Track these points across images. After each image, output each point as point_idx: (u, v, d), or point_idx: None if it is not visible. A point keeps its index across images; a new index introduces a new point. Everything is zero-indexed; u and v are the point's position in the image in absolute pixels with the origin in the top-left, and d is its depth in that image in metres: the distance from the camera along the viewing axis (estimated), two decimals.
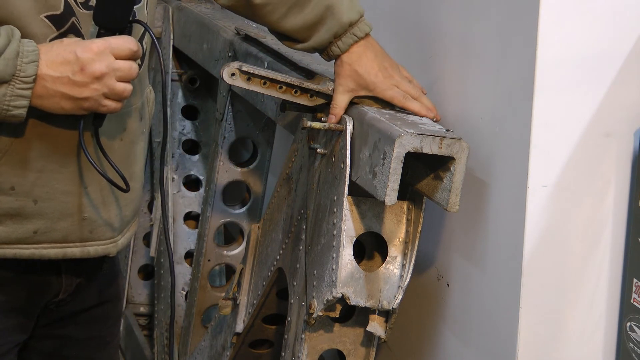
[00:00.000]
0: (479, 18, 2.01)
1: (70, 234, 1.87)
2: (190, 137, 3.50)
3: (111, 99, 1.73)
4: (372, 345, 2.16)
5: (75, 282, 1.96)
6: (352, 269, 2.03)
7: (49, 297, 1.94)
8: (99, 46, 1.71)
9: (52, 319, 1.98)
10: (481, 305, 2.04)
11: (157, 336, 3.38)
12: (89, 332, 2.04)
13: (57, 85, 1.70)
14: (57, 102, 1.71)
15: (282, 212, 2.41)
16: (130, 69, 1.73)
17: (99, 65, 1.70)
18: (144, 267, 3.73)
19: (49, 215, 1.84)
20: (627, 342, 1.89)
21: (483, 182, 2.00)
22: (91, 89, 1.71)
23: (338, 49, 2.04)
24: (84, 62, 1.69)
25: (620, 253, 1.91)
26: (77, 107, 1.72)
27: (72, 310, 1.99)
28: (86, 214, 1.87)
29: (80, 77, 1.70)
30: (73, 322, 2.01)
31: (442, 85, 2.15)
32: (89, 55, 1.70)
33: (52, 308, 1.96)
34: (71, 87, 1.70)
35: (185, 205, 3.44)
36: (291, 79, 2.15)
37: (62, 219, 1.85)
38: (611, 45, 1.84)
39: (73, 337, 2.02)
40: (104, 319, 2.07)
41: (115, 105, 1.74)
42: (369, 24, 2.05)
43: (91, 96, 1.71)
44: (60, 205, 1.84)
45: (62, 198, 1.84)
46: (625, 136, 1.87)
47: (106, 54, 1.71)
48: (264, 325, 2.57)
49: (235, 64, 2.16)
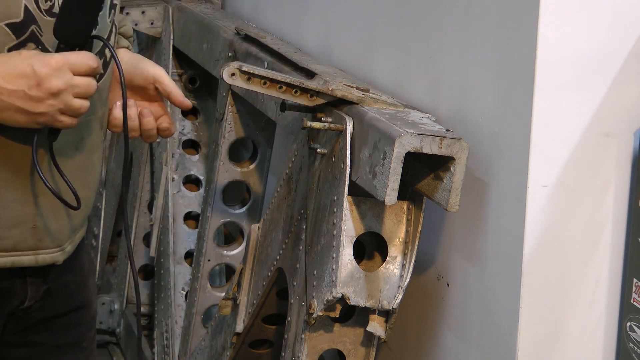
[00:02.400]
0: (479, 18, 2.01)
1: (20, 242, 1.85)
2: (190, 137, 3.50)
3: (67, 114, 1.70)
4: (372, 345, 2.16)
5: (42, 288, 1.94)
6: (352, 269, 2.03)
7: (14, 305, 1.92)
8: (57, 61, 1.67)
9: (24, 326, 1.96)
10: (481, 305, 2.04)
11: (157, 336, 3.38)
12: (63, 339, 2.03)
13: (12, 99, 1.67)
14: (11, 115, 1.68)
15: (282, 212, 2.41)
16: (88, 86, 1.70)
17: (56, 81, 1.67)
18: (143, 267, 3.73)
19: (0, 224, 1.82)
20: (627, 342, 1.89)
21: (483, 182, 2.00)
22: (47, 104, 1.68)
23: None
24: (40, 77, 1.66)
25: (620, 253, 1.92)
26: (31, 121, 1.70)
27: (44, 317, 1.97)
28: (37, 223, 1.85)
29: (36, 92, 1.66)
30: (48, 328, 1.99)
31: (442, 85, 2.15)
32: (46, 70, 1.66)
33: (20, 315, 1.95)
34: (26, 102, 1.67)
35: (185, 205, 3.44)
36: (291, 79, 2.15)
37: (13, 227, 1.83)
38: (611, 45, 1.84)
39: (49, 344, 2.01)
40: (77, 325, 2.05)
41: (71, 121, 1.72)
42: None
43: (46, 112, 1.68)
44: (12, 214, 1.82)
45: (13, 206, 1.82)
46: (625, 136, 1.87)
47: (64, 70, 1.68)
48: (264, 325, 2.57)
49: (235, 64, 2.16)
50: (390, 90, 2.34)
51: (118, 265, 3.84)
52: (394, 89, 2.34)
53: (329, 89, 2.13)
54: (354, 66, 2.56)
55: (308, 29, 2.91)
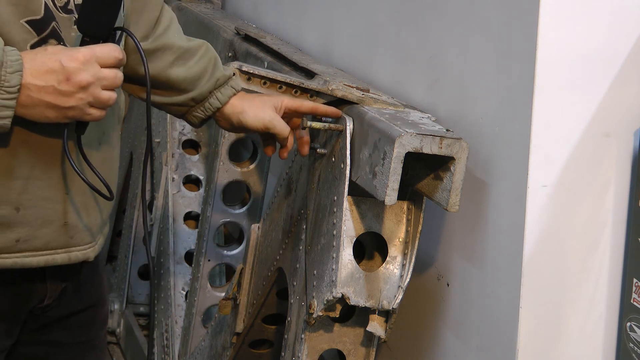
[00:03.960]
0: (479, 18, 2.01)
1: (52, 241, 1.85)
2: (190, 137, 3.50)
3: (96, 107, 1.71)
4: (372, 345, 2.16)
5: (60, 287, 1.95)
6: (352, 269, 2.03)
7: (34, 303, 1.93)
8: (84, 55, 1.68)
9: (39, 325, 1.97)
10: (481, 305, 2.04)
11: (157, 336, 3.38)
12: (76, 337, 2.03)
13: (41, 95, 1.68)
14: (41, 112, 1.69)
15: (282, 212, 2.41)
16: (116, 77, 1.71)
17: (85, 74, 1.68)
18: (144, 267, 3.73)
19: (31, 223, 1.82)
20: (627, 342, 1.89)
21: (483, 182, 2.00)
22: (77, 98, 1.69)
23: (217, 100, 2.08)
24: (69, 72, 1.67)
25: (620, 253, 1.92)
26: (61, 116, 1.70)
27: (58, 316, 1.98)
28: (68, 220, 1.86)
29: (66, 87, 1.67)
30: (60, 327, 2.00)
31: (442, 85, 2.15)
32: (74, 64, 1.67)
33: (37, 314, 1.95)
34: (56, 97, 1.68)
35: (185, 205, 3.44)
36: (291, 79, 2.15)
37: (45, 226, 1.84)
38: (611, 45, 1.84)
39: (61, 342, 2.01)
40: (91, 323, 2.06)
41: (100, 113, 1.73)
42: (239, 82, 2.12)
43: (76, 105, 1.69)
44: (43, 212, 1.83)
45: (44, 205, 1.82)
46: (625, 136, 1.87)
47: (92, 63, 1.68)
48: (264, 325, 2.57)
49: (235, 64, 2.16)
50: (390, 90, 2.34)
51: (118, 265, 3.85)
52: (394, 89, 2.34)
53: (329, 89, 2.13)
54: (354, 66, 2.56)
55: (308, 29, 2.91)
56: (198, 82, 2.08)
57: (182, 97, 2.09)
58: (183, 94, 2.08)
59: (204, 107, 2.10)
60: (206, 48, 2.11)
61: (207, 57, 2.10)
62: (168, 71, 2.06)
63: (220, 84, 2.09)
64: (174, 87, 2.08)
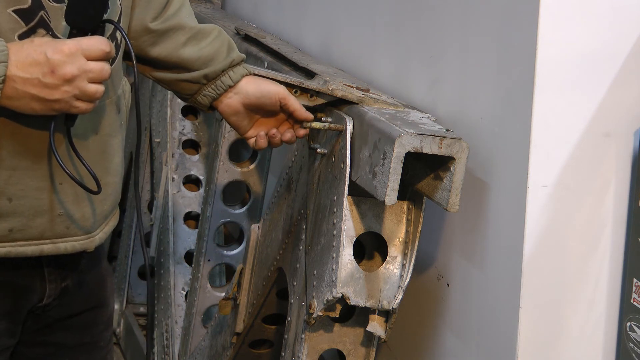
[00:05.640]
0: (479, 18, 2.01)
1: (46, 231, 1.85)
2: (190, 137, 3.50)
3: (82, 100, 1.70)
4: (372, 345, 2.16)
5: (60, 286, 1.94)
6: (352, 269, 2.03)
7: (34, 302, 1.93)
8: (70, 47, 1.67)
9: (41, 325, 1.97)
10: (481, 305, 2.04)
11: (157, 336, 3.38)
12: (79, 338, 2.03)
13: (26, 87, 1.67)
14: (27, 103, 1.68)
15: (282, 212, 2.41)
16: (102, 71, 1.70)
17: (70, 67, 1.66)
18: (144, 267, 3.73)
19: (24, 213, 1.82)
20: (627, 342, 1.89)
21: (483, 182, 2.00)
22: (62, 91, 1.68)
23: (230, 79, 2.07)
24: (54, 64, 1.66)
25: (620, 253, 1.92)
26: (47, 108, 1.70)
27: (60, 316, 1.97)
28: (61, 210, 1.85)
29: (51, 79, 1.66)
30: (63, 327, 1.99)
31: (442, 85, 2.15)
32: (59, 57, 1.66)
33: (38, 313, 1.95)
34: (41, 89, 1.67)
35: (185, 205, 3.44)
36: (291, 79, 2.15)
37: (38, 216, 1.83)
38: (611, 45, 1.84)
39: (64, 344, 2.01)
40: (94, 324, 2.05)
41: (87, 106, 1.71)
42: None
43: (62, 98, 1.68)
44: (36, 203, 1.82)
45: (36, 195, 1.82)
46: (625, 136, 1.87)
47: (77, 56, 1.67)
48: (264, 325, 2.57)
49: None
50: (390, 90, 2.34)
51: (118, 265, 3.84)
52: (394, 89, 2.34)
53: (329, 89, 2.13)
54: (354, 66, 2.56)
55: (308, 29, 2.91)
56: (211, 62, 2.06)
57: (194, 73, 2.06)
58: (195, 71, 2.07)
59: (215, 85, 2.07)
60: (219, 31, 2.10)
61: (220, 39, 2.08)
62: (180, 51, 2.04)
63: (234, 64, 2.08)
64: (186, 67, 2.06)
